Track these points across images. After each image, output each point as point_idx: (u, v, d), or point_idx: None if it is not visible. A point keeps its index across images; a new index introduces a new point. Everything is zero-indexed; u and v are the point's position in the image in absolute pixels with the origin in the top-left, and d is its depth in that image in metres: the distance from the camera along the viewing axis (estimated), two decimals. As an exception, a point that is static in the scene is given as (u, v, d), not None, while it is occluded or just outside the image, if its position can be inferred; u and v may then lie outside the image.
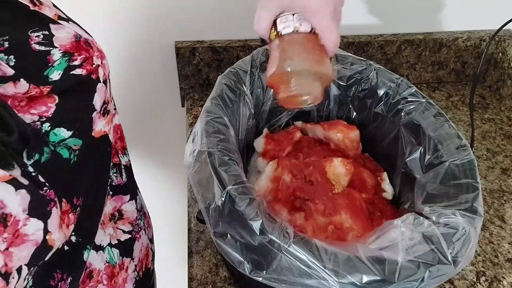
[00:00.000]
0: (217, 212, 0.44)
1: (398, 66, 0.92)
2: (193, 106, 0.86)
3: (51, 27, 0.38)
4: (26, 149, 0.35)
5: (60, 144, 0.38)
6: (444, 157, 0.52)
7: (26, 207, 0.33)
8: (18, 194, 0.32)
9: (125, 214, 0.52)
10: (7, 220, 0.31)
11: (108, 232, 0.49)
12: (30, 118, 0.36)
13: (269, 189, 0.54)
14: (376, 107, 0.62)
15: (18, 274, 0.32)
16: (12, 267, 0.32)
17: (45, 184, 0.35)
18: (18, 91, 0.34)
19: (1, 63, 0.33)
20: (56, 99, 0.38)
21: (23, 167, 0.34)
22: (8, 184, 0.32)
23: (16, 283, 0.32)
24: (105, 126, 0.43)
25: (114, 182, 0.51)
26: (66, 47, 0.38)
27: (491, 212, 0.69)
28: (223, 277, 0.58)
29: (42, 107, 0.37)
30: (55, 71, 0.37)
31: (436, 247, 0.41)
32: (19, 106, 0.36)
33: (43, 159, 0.37)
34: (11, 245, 0.32)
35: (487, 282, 0.60)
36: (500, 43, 0.90)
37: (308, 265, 0.39)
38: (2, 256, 0.31)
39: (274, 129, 0.66)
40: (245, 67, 0.59)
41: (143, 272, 0.55)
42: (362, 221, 0.50)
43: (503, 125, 0.86)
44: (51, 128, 0.37)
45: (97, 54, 0.41)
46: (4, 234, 0.31)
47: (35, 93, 0.36)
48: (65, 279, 0.40)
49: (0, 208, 0.31)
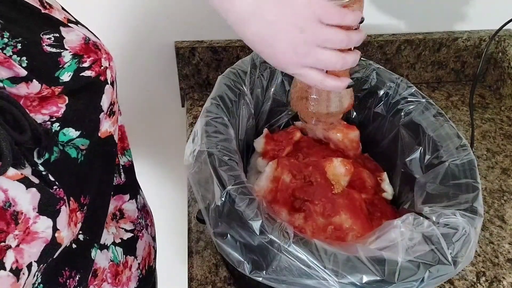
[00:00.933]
0: (217, 212, 0.44)
1: (398, 66, 0.91)
2: (193, 106, 0.86)
3: (62, 30, 0.39)
4: (37, 148, 0.36)
5: (68, 143, 0.39)
6: (444, 157, 0.52)
7: (36, 205, 0.33)
8: (29, 192, 0.33)
9: (126, 213, 0.53)
10: (18, 217, 0.32)
11: (111, 231, 0.50)
12: (41, 118, 0.37)
13: (268, 189, 0.54)
14: (376, 107, 0.62)
15: (28, 271, 0.33)
16: (22, 264, 0.32)
17: (54, 183, 0.36)
18: (30, 92, 0.35)
19: (14, 65, 0.34)
20: (66, 100, 0.39)
21: (33, 166, 0.35)
22: (20, 182, 0.33)
23: (26, 279, 0.33)
24: (110, 126, 0.44)
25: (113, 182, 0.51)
26: (76, 50, 0.40)
27: (491, 212, 0.69)
28: (223, 277, 0.58)
29: (53, 107, 0.38)
30: (66, 72, 0.38)
31: (436, 247, 0.41)
32: (31, 106, 0.36)
33: (53, 158, 0.38)
34: (22, 242, 0.33)
35: (487, 282, 0.60)
36: (500, 43, 0.90)
37: (308, 265, 0.39)
38: (13, 253, 0.32)
39: (274, 129, 0.66)
40: (245, 67, 0.59)
41: (146, 270, 0.55)
42: (361, 221, 0.50)
43: (503, 125, 0.86)
44: (60, 128, 0.38)
45: (105, 57, 0.43)
46: (15, 231, 0.32)
47: (47, 94, 0.37)
48: (74, 277, 0.40)
49: (11, 206, 0.32)
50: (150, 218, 0.60)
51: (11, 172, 0.32)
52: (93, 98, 0.42)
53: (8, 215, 0.32)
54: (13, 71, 0.34)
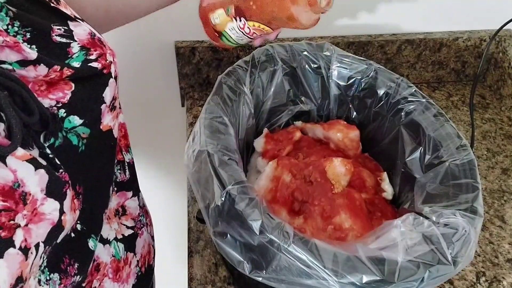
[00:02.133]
0: (217, 211, 0.44)
1: (398, 66, 0.91)
2: (193, 105, 0.86)
3: (70, 24, 0.41)
4: (44, 132, 0.37)
5: (71, 130, 0.40)
6: (444, 157, 0.52)
7: (44, 187, 0.34)
8: (37, 174, 0.34)
9: (128, 210, 0.53)
10: (26, 198, 0.33)
11: (113, 227, 0.50)
12: (48, 103, 0.38)
13: (268, 188, 0.54)
14: (376, 107, 0.62)
15: (36, 250, 0.33)
16: (31, 243, 0.33)
17: (60, 167, 0.37)
18: (39, 74, 0.36)
19: (23, 48, 0.34)
20: (72, 87, 0.39)
21: (41, 148, 0.36)
22: (29, 163, 0.33)
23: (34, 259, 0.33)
24: (111, 121, 0.45)
25: (118, 179, 0.52)
26: (83, 42, 0.41)
27: (491, 212, 0.69)
28: (223, 277, 0.58)
29: (59, 93, 0.39)
30: (75, 62, 0.39)
31: (436, 247, 0.41)
32: (39, 90, 0.37)
33: (57, 144, 0.38)
34: (29, 222, 0.33)
35: (487, 282, 0.60)
36: (500, 43, 0.90)
37: (308, 265, 0.39)
38: (22, 232, 0.32)
39: (274, 129, 0.66)
40: (245, 67, 0.59)
41: (145, 268, 0.56)
42: (361, 221, 0.50)
43: (503, 125, 0.86)
44: (66, 114, 0.39)
45: (110, 52, 0.44)
46: (23, 211, 0.33)
47: (55, 76, 0.37)
48: (73, 265, 0.41)
49: (20, 187, 0.32)
50: (149, 218, 0.60)
51: (20, 152, 0.33)
52: (97, 89, 0.43)
53: (17, 195, 0.32)
54: (22, 54, 0.35)
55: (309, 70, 0.63)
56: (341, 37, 0.87)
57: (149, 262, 0.58)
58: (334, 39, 0.86)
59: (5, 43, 0.33)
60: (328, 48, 0.63)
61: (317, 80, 0.64)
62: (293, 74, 0.63)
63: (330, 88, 0.64)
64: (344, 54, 0.63)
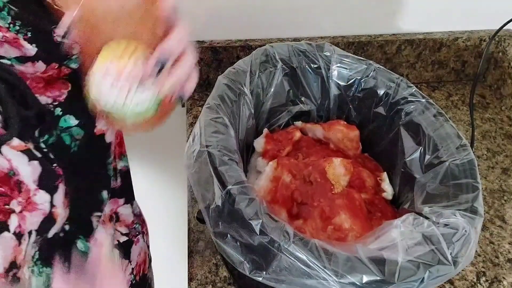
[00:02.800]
0: (217, 212, 0.44)
1: (398, 66, 0.91)
2: (193, 106, 0.86)
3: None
4: (39, 128, 0.38)
5: (65, 130, 0.41)
6: (444, 157, 0.52)
7: (36, 179, 0.35)
8: (30, 165, 0.34)
9: (121, 217, 0.54)
10: (21, 186, 0.34)
11: (109, 232, 0.51)
12: (45, 100, 0.39)
13: (268, 189, 0.54)
14: (376, 107, 0.62)
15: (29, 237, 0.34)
16: (24, 229, 0.34)
17: (54, 161, 0.37)
18: (36, 70, 0.37)
19: (23, 44, 0.35)
20: (69, 87, 0.40)
21: (35, 142, 0.36)
22: (23, 153, 0.34)
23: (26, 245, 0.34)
24: (104, 125, 0.45)
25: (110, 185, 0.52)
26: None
27: (491, 212, 0.69)
28: (223, 277, 0.58)
29: (56, 91, 0.39)
30: (73, 63, 0.40)
31: (436, 247, 0.41)
32: (36, 87, 0.38)
33: (50, 141, 0.39)
34: (24, 209, 0.34)
35: (487, 282, 0.60)
36: (500, 43, 0.90)
37: (308, 265, 0.39)
38: (17, 218, 0.33)
39: (274, 129, 0.66)
40: (245, 67, 0.59)
41: (140, 277, 0.56)
42: (361, 222, 0.50)
43: (503, 125, 0.86)
44: (63, 113, 0.40)
45: None
46: (19, 198, 0.34)
47: (53, 74, 0.38)
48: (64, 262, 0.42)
49: (15, 175, 0.33)
50: (146, 227, 0.61)
51: (16, 142, 0.34)
52: None
53: (12, 182, 0.33)
54: (21, 50, 0.35)
55: (309, 70, 0.63)
56: (341, 37, 0.87)
57: (144, 272, 0.58)
58: (334, 39, 0.86)
59: (4, 38, 0.33)
60: (328, 48, 0.63)
61: (317, 80, 0.64)
62: (293, 74, 0.63)
63: (330, 88, 0.64)
64: (344, 54, 0.63)
